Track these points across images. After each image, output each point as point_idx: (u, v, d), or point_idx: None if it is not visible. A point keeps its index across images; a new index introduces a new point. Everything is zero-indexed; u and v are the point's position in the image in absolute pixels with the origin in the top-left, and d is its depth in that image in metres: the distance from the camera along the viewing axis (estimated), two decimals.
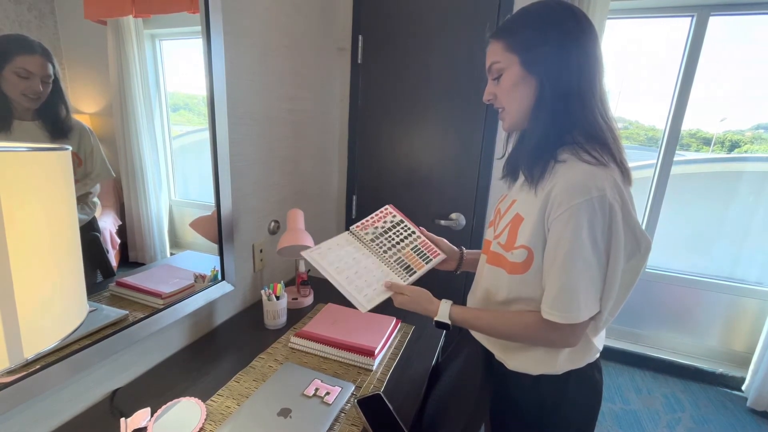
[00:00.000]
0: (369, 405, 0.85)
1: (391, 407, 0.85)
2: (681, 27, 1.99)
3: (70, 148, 0.46)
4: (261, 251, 1.38)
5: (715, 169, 2.31)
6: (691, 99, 2.02)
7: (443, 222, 1.79)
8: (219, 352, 1.08)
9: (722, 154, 2.30)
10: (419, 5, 1.67)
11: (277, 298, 1.19)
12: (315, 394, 0.88)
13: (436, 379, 1.01)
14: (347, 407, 0.88)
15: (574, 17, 0.68)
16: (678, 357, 2.30)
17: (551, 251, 0.68)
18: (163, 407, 0.83)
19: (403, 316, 1.23)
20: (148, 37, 0.89)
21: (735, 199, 2.21)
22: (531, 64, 0.70)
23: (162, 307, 0.98)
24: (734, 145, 2.27)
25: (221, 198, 1.14)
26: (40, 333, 0.42)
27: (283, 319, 1.21)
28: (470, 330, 0.88)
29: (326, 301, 1.33)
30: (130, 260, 0.93)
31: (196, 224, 1.11)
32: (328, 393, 0.88)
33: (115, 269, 0.89)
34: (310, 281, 1.43)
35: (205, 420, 0.81)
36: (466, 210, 1.78)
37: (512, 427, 0.84)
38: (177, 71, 0.97)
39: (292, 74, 1.46)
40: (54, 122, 0.73)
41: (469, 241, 1.79)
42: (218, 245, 1.16)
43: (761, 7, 1.88)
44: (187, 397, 0.87)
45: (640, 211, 2.24)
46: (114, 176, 0.87)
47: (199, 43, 1.02)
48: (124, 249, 0.91)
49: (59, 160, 0.43)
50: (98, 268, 0.86)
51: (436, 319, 0.81)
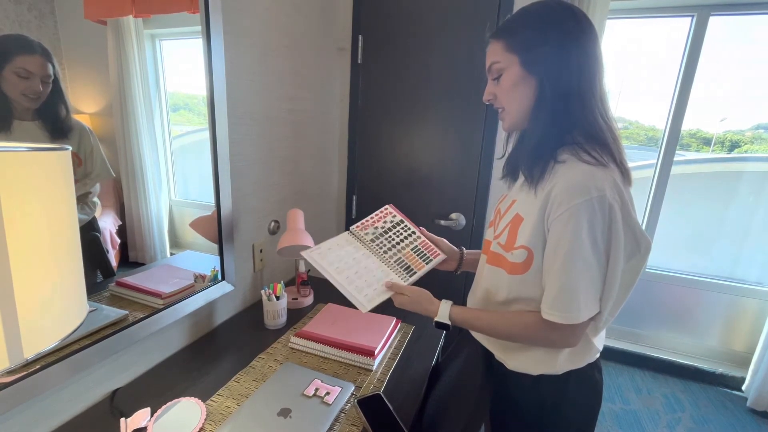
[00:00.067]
0: (369, 405, 0.85)
1: (391, 407, 0.85)
2: (681, 27, 1.99)
3: (70, 148, 0.46)
4: (261, 251, 1.38)
5: (715, 169, 2.31)
6: (691, 99, 2.02)
7: (443, 222, 1.79)
8: (219, 352, 1.08)
9: (722, 154, 2.30)
10: (419, 5, 1.67)
11: (277, 298, 1.19)
12: (315, 394, 0.88)
13: (436, 379, 1.01)
14: (347, 407, 0.88)
15: (574, 17, 0.68)
16: (678, 357, 2.30)
17: (551, 251, 0.68)
18: (163, 407, 0.83)
19: (403, 316, 1.23)
20: (148, 37, 0.89)
21: (735, 199, 2.21)
22: (531, 64, 0.70)
23: (162, 307, 0.98)
24: (734, 145, 2.26)
25: (221, 198, 1.14)
26: (40, 333, 0.42)
27: (283, 319, 1.21)
28: (470, 330, 0.88)
29: (326, 301, 1.33)
30: (130, 260, 0.93)
31: (196, 224, 1.11)
32: (328, 393, 0.88)
33: (115, 269, 0.89)
34: (310, 281, 1.43)
35: (205, 420, 0.81)
36: (466, 210, 1.78)
37: (512, 427, 0.84)
38: (177, 71, 0.97)
39: (292, 74, 1.46)
40: (54, 122, 0.73)
41: (469, 241, 1.79)
42: (218, 245, 1.16)
43: (761, 7, 1.88)
44: (187, 397, 0.87)
45: (640, 211, 2.24)
46: (114, 176, 0.87)
47: (199, 43, 1.02)
48: (124, 249, 0.91)
49: (59, 160, 0.43)
50: (98, 268, 0.86)
51: (436, 319, 0.81)
